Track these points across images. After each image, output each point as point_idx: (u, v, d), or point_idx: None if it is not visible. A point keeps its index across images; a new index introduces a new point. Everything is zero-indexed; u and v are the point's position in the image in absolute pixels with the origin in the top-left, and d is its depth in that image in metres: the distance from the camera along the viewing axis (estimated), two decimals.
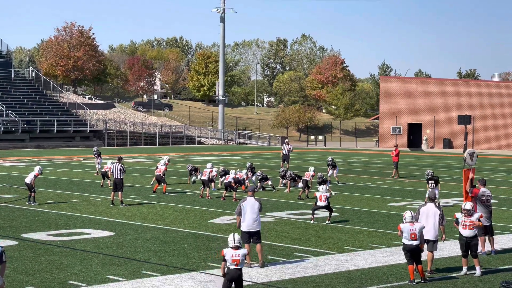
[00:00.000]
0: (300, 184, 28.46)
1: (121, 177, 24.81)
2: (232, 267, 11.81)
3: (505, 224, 21.12)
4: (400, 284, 13.88)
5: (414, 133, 75.38)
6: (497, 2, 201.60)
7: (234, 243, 12.02)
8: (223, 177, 28.09)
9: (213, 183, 28.53)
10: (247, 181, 29.47)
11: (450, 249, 17.19)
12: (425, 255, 14.65)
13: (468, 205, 15.12)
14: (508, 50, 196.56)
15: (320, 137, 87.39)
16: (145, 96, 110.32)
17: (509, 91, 69.31)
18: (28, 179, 25.09)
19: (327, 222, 20.93)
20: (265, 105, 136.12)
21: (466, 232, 14.83)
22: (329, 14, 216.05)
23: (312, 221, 21.00)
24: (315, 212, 21.44)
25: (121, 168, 24.87)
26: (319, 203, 21.11)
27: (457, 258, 16.26)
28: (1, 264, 11.05)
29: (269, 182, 30.06)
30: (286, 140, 42.92)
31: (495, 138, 65.55)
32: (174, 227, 20.30)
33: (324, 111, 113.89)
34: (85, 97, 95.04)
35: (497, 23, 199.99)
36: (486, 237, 16.94)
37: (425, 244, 14.58)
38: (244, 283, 13.25)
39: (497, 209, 23.14)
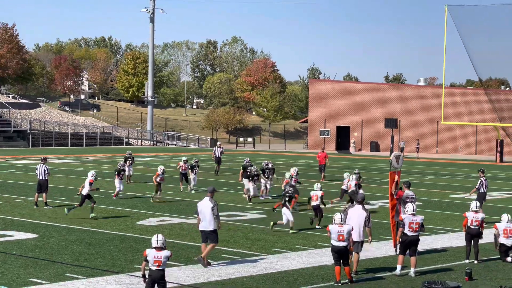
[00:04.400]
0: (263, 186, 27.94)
1: (46, 178, 24.35)
2: (154, 268, 11.65)
3: (428, 225, 21.56)
4: (326, 285, 13.99)
5: (342, 136, 76.40)
6: (422, 9, 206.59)
7: (157, 244, 11.84)
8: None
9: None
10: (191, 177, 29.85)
11: (375, 250, 17.44)
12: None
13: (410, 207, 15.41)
14: (433, 56, 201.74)
15: (250, 139, 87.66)
16: (72, 96, 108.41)
17: (433, 96, 71.04)
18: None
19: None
20: (194, 107, 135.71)
21: (411, 233, 15.09)
22: (259, 16, 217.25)
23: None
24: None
25: (45, 169, 24.40)
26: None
27: (382, 259, 16.52)
28: None
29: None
30: (218, 143, 42.99)
31: (420, 142, 66.94)
32: (100, 229, 19.97)
33: (253, 113, 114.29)
34: (9, 96, 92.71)
35: (424, 28, 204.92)
36: None
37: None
38: (171, 285, 13.13)
39: (420, 211, 23.63)
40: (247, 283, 14.00)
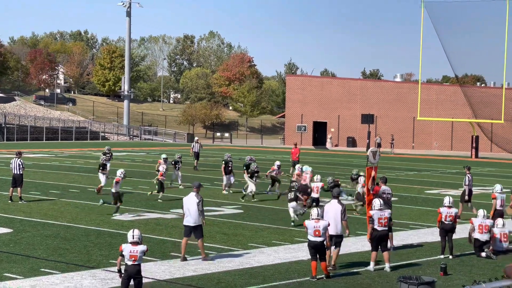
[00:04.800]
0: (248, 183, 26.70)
1: (21, 172, 24.15)
2: (130, 263, 11.58)
3: (404, 221, 21.71)
4: (302, 280, 14.01)
5: (319, 131, 76.56)
6: (399, 5, 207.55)
7: (133, 239, 11.77)
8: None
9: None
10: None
11: (352, 245, 17.49)
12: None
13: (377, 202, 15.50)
14: (410, 52, 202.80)
15: (226, 134, 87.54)
16: (47, 90, 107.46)
17: (410, 92, 71.41)
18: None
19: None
20: (171, 102, 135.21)
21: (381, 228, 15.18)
22: (236, 11, 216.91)
23: None
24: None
25: (20, 164, 24.20)
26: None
27: (358, 254, 16.58)
28: None
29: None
30: (196, 139, 42.94)
31: (396, 137, 67.33)
32: (76, 223, 19.83)
33: (230, 108, 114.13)
34: None
35: (400, 25, 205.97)
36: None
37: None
38: (147, 280, 13.05)
39: (397, 206, 23.76)
40: (223, 278, 13.97)
